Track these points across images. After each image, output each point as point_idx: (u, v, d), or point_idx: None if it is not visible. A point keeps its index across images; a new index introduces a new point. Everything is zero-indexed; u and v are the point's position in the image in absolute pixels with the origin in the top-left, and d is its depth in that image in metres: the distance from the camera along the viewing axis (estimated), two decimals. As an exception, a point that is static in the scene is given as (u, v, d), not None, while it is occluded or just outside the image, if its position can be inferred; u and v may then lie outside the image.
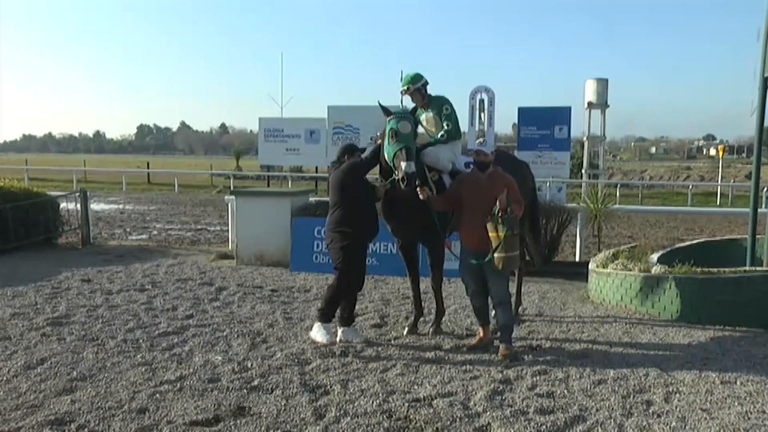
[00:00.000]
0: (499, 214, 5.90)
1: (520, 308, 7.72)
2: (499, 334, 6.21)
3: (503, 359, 5.91)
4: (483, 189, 6.10)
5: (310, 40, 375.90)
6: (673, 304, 7.42)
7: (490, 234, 5.94)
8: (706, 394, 5.15)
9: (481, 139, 6.33)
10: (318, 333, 6.33)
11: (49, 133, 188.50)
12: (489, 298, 6.29)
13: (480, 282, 6.19)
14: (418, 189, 6.17)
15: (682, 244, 10.02)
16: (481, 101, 25.00)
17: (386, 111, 6.31)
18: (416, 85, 6.70)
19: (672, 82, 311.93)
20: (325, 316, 6.34)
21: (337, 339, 6.37)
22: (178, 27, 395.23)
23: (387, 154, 6.25)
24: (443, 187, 6.54)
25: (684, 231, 17.56)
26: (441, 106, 6.76)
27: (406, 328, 6.88)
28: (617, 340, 6.63)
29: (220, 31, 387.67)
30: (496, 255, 5.93)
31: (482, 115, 25.12)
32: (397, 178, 6.06)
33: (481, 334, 6.43)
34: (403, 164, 5.95)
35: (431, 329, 6.81)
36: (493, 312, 6.30)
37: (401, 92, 6.82)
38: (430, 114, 6.82)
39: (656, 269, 7.75)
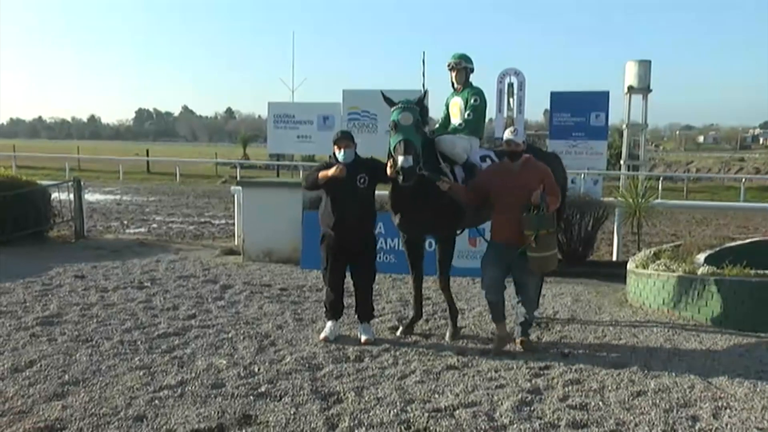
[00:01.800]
0: (534, 212, 6.01)
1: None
2: (517, 328, 6.50)
3: (523, 347, 6.30)
4: (514, 179, 6.22)
5: (323, 19, 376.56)
6: (722, 310, 7.34)
7: (525, 232, 6.07)
8: (762, 410, 5.06)
9: (512, 128, 6.42)
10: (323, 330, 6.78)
11: (40, 117, 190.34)
12: (505, 294, 6.48)
13: (500, 277, 6.35)
14: (438, 182, 6.25)
15: (732, 244, 9.89)
16: (510, 85, 24.89)
17: (389, 101, 6.40)
18: (467, 64, 7.08)
19: (723, 63, 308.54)
20: (326, 314, 6.84)
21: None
22: (180, 3, 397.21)
23: (389, 145, 6.34)
24: (455, 181, 6.59)
25: (735, 229, 17.38)
26: (471, 95, 6.99)
27: (400, 328, 6.99)
28: (658, 348, 6.57)
29: (225, 9, 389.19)
30: (529, 255, 6.09)
31: (511, 100, 25.01)
32: (394, 171, 6.10)
33: (497, 332, 6.53)
34: (399, 158, 5.99)
35: (449, 334, 6.82)
36: (516, 306, 6.53)
37: (449, 65, 7.11)
38: (459, 99, 7.10)
39: (703, 270, 7.66)
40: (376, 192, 6.73)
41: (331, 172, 6.37)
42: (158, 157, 47.27)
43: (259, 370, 5.73)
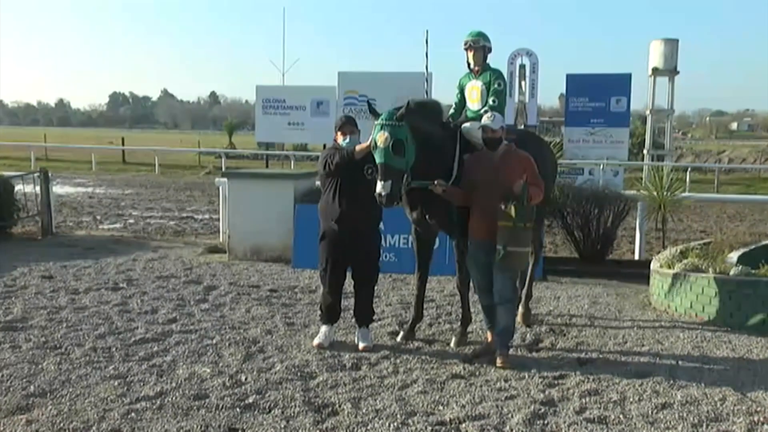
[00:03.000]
0: (513, 202, 6.01)
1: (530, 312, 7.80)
2: (496, 339, 6.37)
3: (503, 368, 6.09)
4: (493, 170, 6.20)
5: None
6: (757, 314, 7.34)
7: (499, 223, 6.03)
8: (803, 426, 5.05)
9: (489, 113, 6.41)
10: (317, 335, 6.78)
11: (0, 102, 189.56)
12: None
13: (490, 278, 6.32)
14: (430, 186, 6.26)
15: (768, 241, 9.91)
16: (522, 67, 24.93)
17: (373, 113, 6.33)
18: (485, 43, 7.15)
19: (759, 41, 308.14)
20: (321, 317, 6.84)
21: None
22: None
23: None
24: None
25: (772, 225, 17.35)
26: (494, 79, 7.11)
27: (401, 333, 7.02)
28: (686, 356, 6.58)
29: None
30: (502, 249, 6.04)
31: (523, 83, 25.06)
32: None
33: (489, 338, 6.53)
34: (378, 184, 5.99)
35: (455, 340, 6.84)
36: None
37: (466, 44, 7.16)
38: (478, 83, 7.18)
39: (736, 271, 7.67)
40: None
41: (368, 143, 6.20)
42: (135, 145, 47.20)
43: (246, 379, 5.73)
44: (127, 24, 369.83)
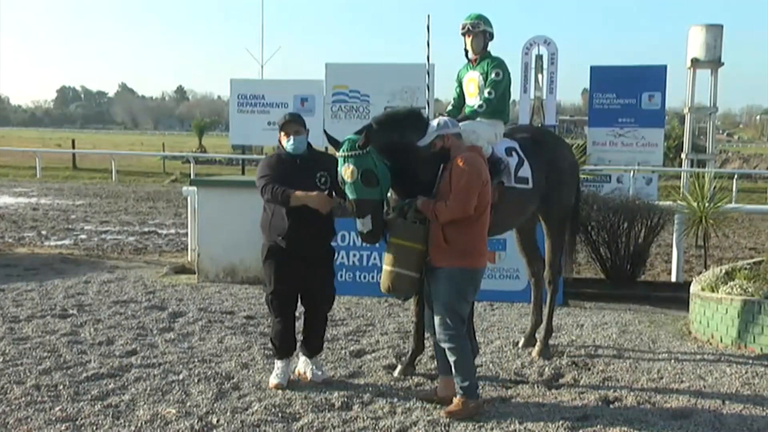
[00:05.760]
0: (395, 211, 6.08)
1: (550, 339, 7.82)
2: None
3: (447, 416, 5.87)
4: (438, 185, 6.07)
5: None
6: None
7: (390, 239, 6.09)
8: None
9: (441, 118, 6.20)
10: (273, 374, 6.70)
11: None
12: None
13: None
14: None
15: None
16: (539, 58, 24.98)
17: (332, 142, 6.24)
18: (486, 28, 7.17)
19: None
20: (274, 352, 6.78)
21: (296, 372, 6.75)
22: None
23: None
24: None
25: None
26: (492, 67, 7.11)
27: (399, 367, 7.01)
28: (733, 395, 6.57)
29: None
30: (384, 267, 6.07)
31: (539, 77, 25.10)
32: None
33: (439, 388, 6.36)
34: (357, 222, 6.05)
35: None
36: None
37: (463, 29, 7.21)
38: (476, 74, 7.21)
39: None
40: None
41: (314, 197, 6.27)
42: (87, 148, 47.21)
43: (218, 421, 5.73)
44: (77, 5, 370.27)
